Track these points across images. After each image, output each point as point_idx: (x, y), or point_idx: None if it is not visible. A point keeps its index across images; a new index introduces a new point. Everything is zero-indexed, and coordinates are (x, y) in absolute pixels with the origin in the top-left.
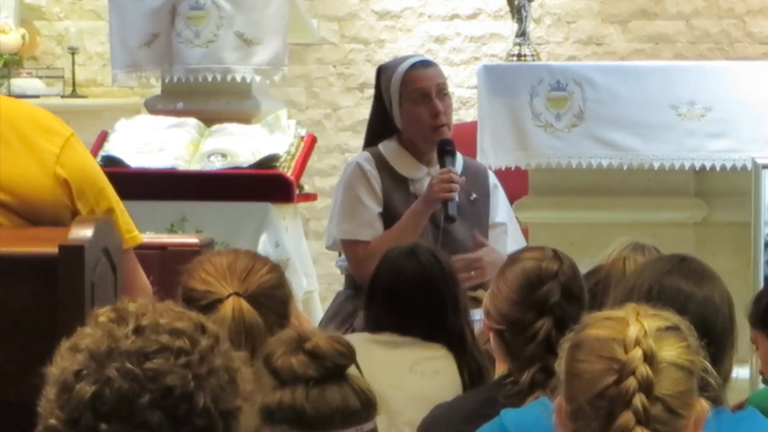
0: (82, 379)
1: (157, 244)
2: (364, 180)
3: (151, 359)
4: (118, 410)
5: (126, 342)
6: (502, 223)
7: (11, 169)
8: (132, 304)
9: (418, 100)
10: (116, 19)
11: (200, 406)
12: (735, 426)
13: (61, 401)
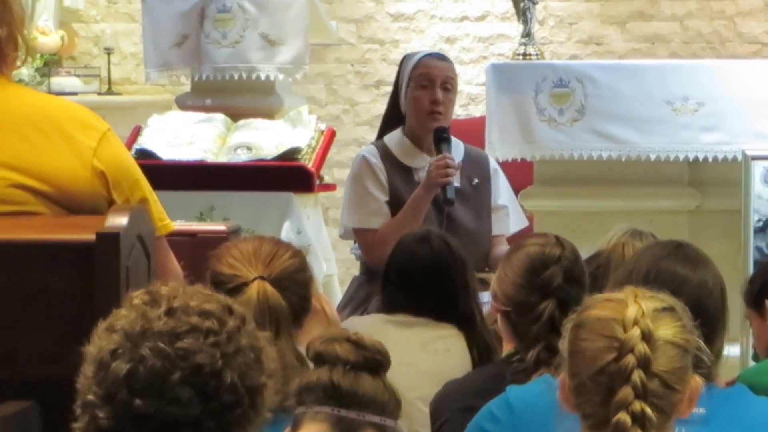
0: (118, 358)
1: (188, 232)
2: (370, 172)
3: (182, 339)
4: (151, 387)
5: (158, 323)
6: (504, 206)
7: (52, 161)
8: (164, 288)
9: (422, 85)
10: (149, 22)
11: (227, 382)
12: (726, 400)
13: (98, 378)
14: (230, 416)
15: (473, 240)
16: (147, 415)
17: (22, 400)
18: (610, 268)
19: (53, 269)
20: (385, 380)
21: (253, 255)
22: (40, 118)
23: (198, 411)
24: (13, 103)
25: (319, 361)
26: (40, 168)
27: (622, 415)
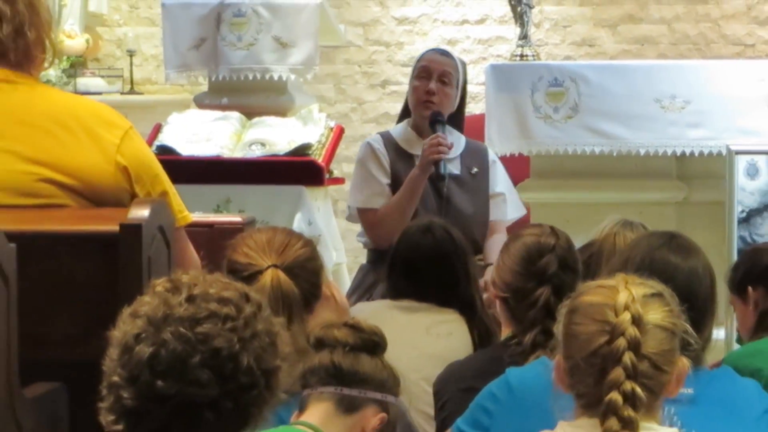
0: (141, 342)
1: (205, 223)
2: (374, 157)
3: (202, 324)
4: (173, 369)
5: (179, 309)
6: (501, 193)
7: (78, 157)
8: (185, 276)
9: (420, 76)
10: (168, 26)
11: (244, 365)
12: (711, 381)
13: (123, 361)
14: (247, 397)
15: (469, 225)
16: (168, 396)
17: (50, 382)
18: (603, 257)
19: (80, 258)
20: (383, 360)
21: (267, 245)
22: (66, 117)
23: (216, 392)
24: (41, 102)
25: (320, 345)
26: (67, 163)
27: (614, 395)
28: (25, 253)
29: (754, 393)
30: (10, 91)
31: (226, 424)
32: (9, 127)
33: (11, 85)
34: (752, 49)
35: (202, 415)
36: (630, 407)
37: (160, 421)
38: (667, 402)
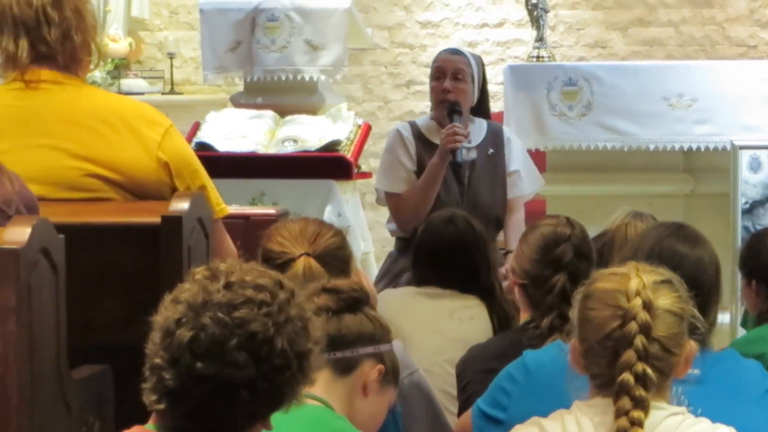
0: (182, 326)
1: (241, 215)
2: (402, 144)
3: (239, 309)
4: (211, 351)
5: (218, 295)
6: (516, 170)
7: (121, 154)
8: (222, 264)
9: (436, 77)
10: (206, 30)
11: (278, 348)
12: (717, 363)
13: (165, 344)
14: (281, 378)
15: (490, 205)
16: (207, 377)
17: (97, 364)
18: (615, 246)
19: (124, 248)
20: (367, 313)
21: (300, 234)
22: (111, 115)
23: (252, 373)
24: (87, 102)
25: None
26: (112, 159)
27: (626, 376)
28: (73, 243)
29: (757, 373)
30: (59, 91)
31: (261, 403)
32: (57, 126)
33: (59, 86)
34: (755, 50)
35: (238, 395)
36: (641, 387)
37: (200, 401)
38: (675, 382)
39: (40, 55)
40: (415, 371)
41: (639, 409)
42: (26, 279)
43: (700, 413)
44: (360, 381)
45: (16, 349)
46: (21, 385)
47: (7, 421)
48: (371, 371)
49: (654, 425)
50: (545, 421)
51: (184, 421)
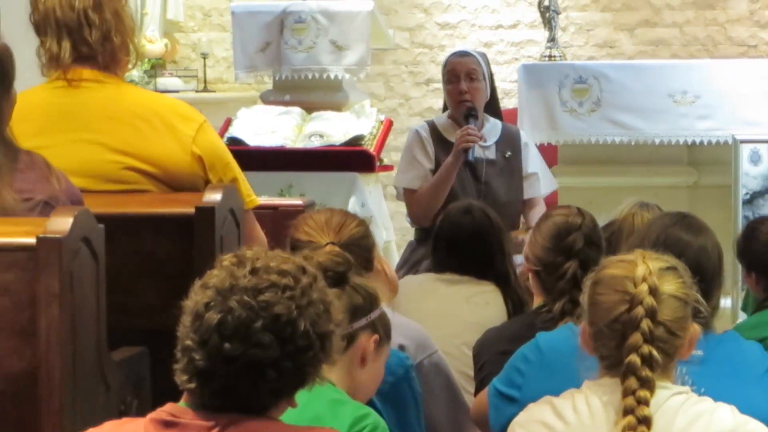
0: (210, 309)
1: (270, 205)
2: (420, 143)
3: (263, 293)
4: (238, 333)
5: (244, 280)
6: (534, 173)
7: (158, 148)
8: (249, 251)
9: (450, 80)
10: (238, 31)
11: (301, 329)
12: (719, 344)
13: (194, 327)
14: (304, 358)
15: (505, 205)
16: (234, 357)
17: (134, 346)
18: (623, 234)
19: (160, 238)
20: (354, 284)
21: (325, 224)
22: (148, 112)
23: (277, 353)
24: (126, 99)
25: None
26: (149, 153)
27: (633, 357)
28: (113, 233)
29: (758, 354)
30: (99, 89)
31: (285, 381)
32: (98, 122)
33: (100, 84)
34: (755, 50)
35: (264, 374)
36: (647, 368)
37: (227, 379)
38: (679, 363)
39: (81, 56)
40: (434, 353)
41: (645, 388)
42: (68, 266)
43: (703, 392)
44: (357, 354)
45: (59, 332)
46: (63, 365)
47: (50, 398)
48: (368, 343)
49: (659, 404)
50: (557, 400)
51: (213, 398)
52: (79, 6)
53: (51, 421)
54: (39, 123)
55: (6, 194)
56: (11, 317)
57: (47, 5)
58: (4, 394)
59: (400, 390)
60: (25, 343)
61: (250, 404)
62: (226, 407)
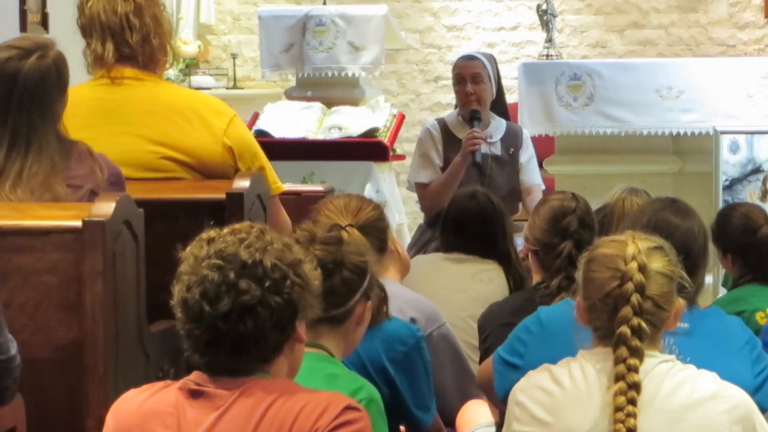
0: (190, 290)
1: (294, 192)
2: (431, 140)
3: (224, 251)
4: (220, 292)
5: (204, 251)
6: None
7: (192, 140)
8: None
9: (458, 82)
10: (264, 34)
11: (270, 265)
12: (703, 318)
13: (186, 312)
14: (284, 287)
15: (505, 195)
16: (227, 312)
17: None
18: (614, 217)
19: (194, 220)
20: (347, 265)
21: (344, 208)
22: (183, 107)
23: (259, 292)
24: (163, 95)
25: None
26: (184, 144)
27: (624, 328)
28: (151, 216)
29: (738, 327)
30: (139, 86)
31: (280, 313)
32: (138, 116)
33: (140, 82)
34: (734, 49)
35: (257, 313)
36: (637, 338)
37: (233, 335)
38: (666, 334)
39: (123, 56)
40: (442, 325)
41: (635, 357)
42: (111, 247)
43: (688, 361)
44: (354, 321)
45: (102, 306)
46: (107, 336)
47: (95, 367)
48: (363, 310)
49: (647, 371)
50: (554, 368)
51: (230, 358)
52: (121, 11)
53: (96, 387)
54: (85, 117)
55: (59, 188)
56: (59, 293)
57: (92, 10)
58: (53, 362)
59: (411, 359)
60: (72, 316)
61: (262, 348)
62: (244, 360)
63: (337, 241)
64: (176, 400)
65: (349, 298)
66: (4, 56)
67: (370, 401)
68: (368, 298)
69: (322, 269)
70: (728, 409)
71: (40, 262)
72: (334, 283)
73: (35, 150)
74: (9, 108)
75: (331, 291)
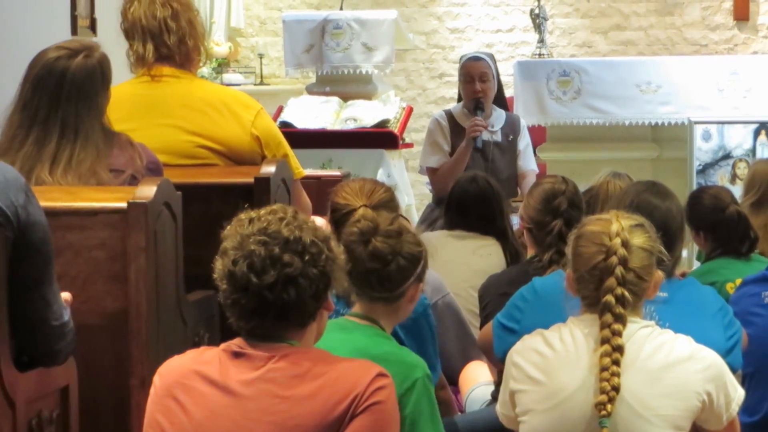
0: (237, 263)
1: (314, 176)
2: (440, 130)
3: (267, 229)
4: (266, 265)
5: (249, 229)
6: (527, 151)
7: (223, 130)
8: (255, 214)
9: (466, 80)
10: (288, 36)
11: (308, 240)
12: (681, 288)
13: (232, 283)
14: (320, 260)
15: (506, 178)
16: (273, 282)
17: (205, 290)
18: (599, 198)
19: (226, 202)
20: (402, 254)
21: (359, 190)
22: (216, 101)
23: (300, 264)
24: (198, 91)
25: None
26: (217, 135)
27: (609, 297)
28: (188, 198)
29: (711, 296)
30: (176, 83)
31: (317, 284)
32: (175, 109)
33: (177, 79)
34: (706, 48)
35: (299, 284)
36: (620, 306)
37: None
38: (647, 303)
39: (162, 56)
40: (447, 294)
41: (618, 322)
42: (153, 226)
43: (667, 326)
44: (406, 300)
45: (145, 279)
46: (149, 305)
47: (139, 332)
48: (416, 292)
49: (630, 335)
50: (547, 332)
51: (273, 323)
52: (160, 16)
53: (139, 350)
54: (128, 110)
55: (103, 174)
56: (107, 267)
57: (134, 15)
58: (101, 328)
59: (419, 324)
60: (118, 287)
61: (301, 313)
62: (286, 325)
63: (397, 234)
64: (219, 360)
65: (404, 283)
66: (54, 56)
67: (427, 375)
68: (420, 280)
69: (381, 258)
70: (702, 369)
71: (89, 239)
72: (390, 270)
73: (82, 139)
74: (59, 101)
75: (387, 277)
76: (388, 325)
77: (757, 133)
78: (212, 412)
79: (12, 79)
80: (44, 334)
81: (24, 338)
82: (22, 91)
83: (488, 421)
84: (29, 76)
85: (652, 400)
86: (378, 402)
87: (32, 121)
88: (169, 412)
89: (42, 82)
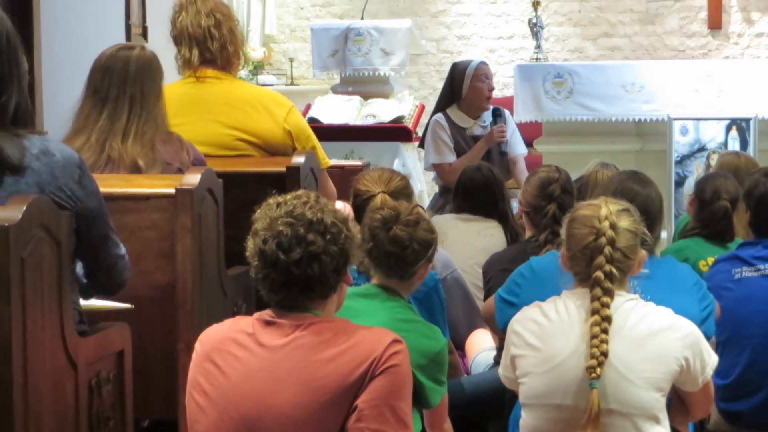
0: (267, 242)
1: (338, 166)
2: (442, 128)
3: (293, 212)
4: (292, 243)
5: (277, 212)
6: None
7: (259, 125)
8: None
9: (481, 80)
10: (315, 42)
11: (330, 222)
12: (660, 265)
13: (263, 260)
14: (341, 239)
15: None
16: (299, 259)
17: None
18: (589, 185)
19: (261, 188)
20: (417, 240)
21: (378, 178)
22: (253, 99)
23: (323, 243)
24: (237, 91)
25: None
26: (253, 129)
27: (598, 273)
28: (228, 185)
29: (687, 272)
30: (218, 84)
31: (337, 260)
32: (217, 106)
33: (219, 80)
34: (683, 53)
35: (321, 260)
36: (608, 281)
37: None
38: (632, 278)
39: (206, 60)
40: (454, 270)
41: (607, 296)
42: (197, 209)
43: (649, 299)
44: (418, 277)
45: (191, 256)
46: (194, 279)
47: (185, 302)
48: (426, 271)
49: (617, 307)
50: (543, 304)
51: (300, 294)
52: (204, 25)
53: (185, 319)
54: (177, 107)
55: (159, 146)
56: (157, 245)
57: (182, 24)
58: (152, 299)
59: (430, 297)
60: (167, 263)
61: (324, 287)
62: (312, 296)
63: (414, 223)
64: (252, 327)
65: (417, 263)
66: (115, 49)
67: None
68: (430, 261)
69: (399, 243)
70: (681, 337)
71: (142, 221)
72: (407, 253)
73: (146, 114)
74: (126, 82)
75: (404, 259)
76: (403, 296)
77: (728, 129)
78: (246, 373)
79: (73, 80)
80: (118, 271)
81: (100, 280)
82: (91, 81)
83: (491, 382)
84: (96, 68)
85: (636, 364)
86: (394, 365)
87: (104, 101)
88: (208, 374)
89: (110, 69)
